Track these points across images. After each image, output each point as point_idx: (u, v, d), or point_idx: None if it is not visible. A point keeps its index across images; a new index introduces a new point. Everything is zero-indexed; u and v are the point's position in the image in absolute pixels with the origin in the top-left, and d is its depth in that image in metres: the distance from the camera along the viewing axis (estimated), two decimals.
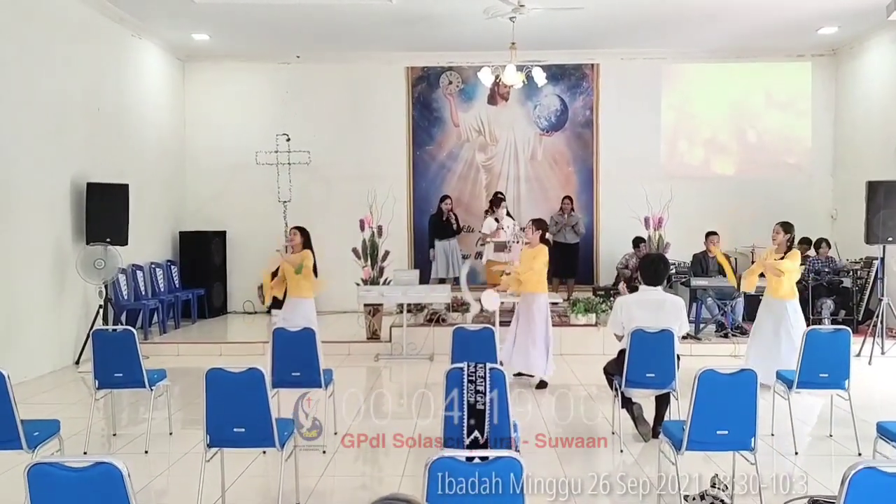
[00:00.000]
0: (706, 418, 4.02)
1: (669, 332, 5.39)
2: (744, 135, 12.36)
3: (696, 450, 4.11)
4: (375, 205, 9.76)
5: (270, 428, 4.05)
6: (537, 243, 7.50)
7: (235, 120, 12.31)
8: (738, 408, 4.01)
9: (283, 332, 5.64)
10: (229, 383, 4.05)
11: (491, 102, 12.33)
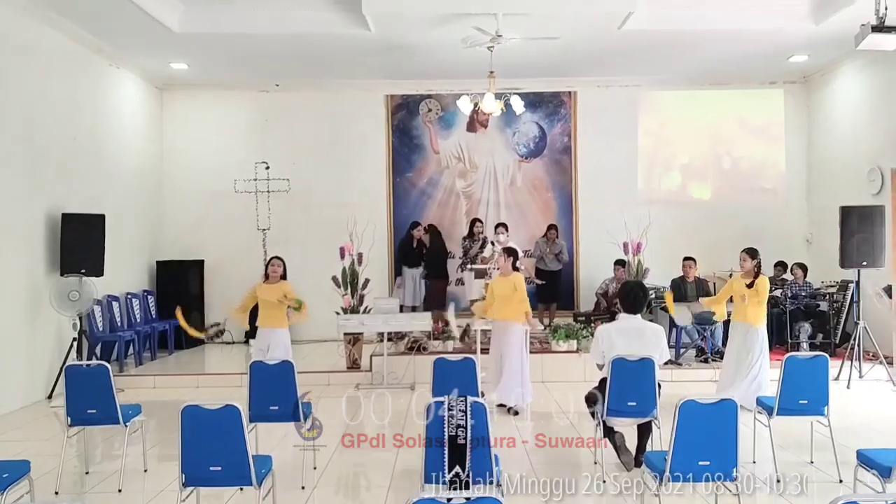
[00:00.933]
0: (688, 449, 3.99)
1: (650, 361, 5.39)
2: (719, 160, 12.50)
3: (678, 482, 4.07)
4: (355, 232, 9.72)
5: (247, 466, 3.98)
6: (510, 271, 7.54)
7: (214, 148, 12.26)
8: (720, 438, 4.00)
9: (261, 366, 5.57)
10: (205, 421, 3.98)
11: (470, 130, 12.39)
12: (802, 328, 9.90)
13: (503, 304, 7.47)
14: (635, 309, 5.67)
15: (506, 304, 7.45)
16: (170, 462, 5.64)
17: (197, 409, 3.98)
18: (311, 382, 8.25)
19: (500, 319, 7.50)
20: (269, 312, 7.08)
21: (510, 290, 7.44)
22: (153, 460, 5.99)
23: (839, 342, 9.99)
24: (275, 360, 5.67)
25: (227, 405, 3.97)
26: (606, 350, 5.54)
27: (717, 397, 4.13)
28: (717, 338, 9.62)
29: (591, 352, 5.82)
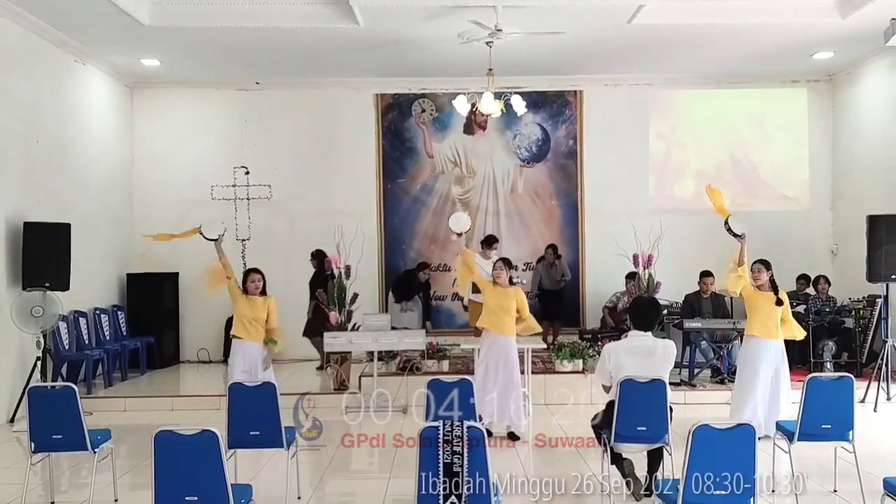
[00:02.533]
0: (702, 478, 4.03)
1: (661, 382, 5.44)
2: (737, 165, 12.58)
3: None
4: (343, 243, 9.76)
5: (226, 496, 3.99)
6: (507, 284, 7.60)
7: (189, 152, 12.31)
8: (736, 466, 4.03)
9: (241, 388, 5.60)
10: (181, 447, 3.99)
11: (467, 132, 12.46)
12: (826, 346, 9.97)
13: (502, 317, 7.49)
14: (647, 326, 5.72)
15: (505, 317, 7.47)
16: (142, 491, 5.66)
17: (171, 434, 4.00)
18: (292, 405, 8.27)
19: (500, 334, 7.52)
20: (254, 326, 7.11)
21: (509, 304, 7.47)
22: (124, 489, 5.99)
23: (865, 362, 10.05)
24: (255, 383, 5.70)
25: (203, 430, 3.99)
26: (614, 370, 5.59)
27: (733, 422, 4.17)
28: (734, 356, 9.66)
29: (597, 372, 5.86)
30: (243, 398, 5.56)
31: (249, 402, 5.55)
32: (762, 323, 7.26)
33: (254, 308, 7.10)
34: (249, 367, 7.01)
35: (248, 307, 7.10)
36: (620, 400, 5.41)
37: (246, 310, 7.08)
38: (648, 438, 5.48)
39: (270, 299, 7.20)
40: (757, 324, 7.29)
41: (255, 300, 7.11)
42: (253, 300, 7.11)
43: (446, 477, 3.83)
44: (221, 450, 4.01)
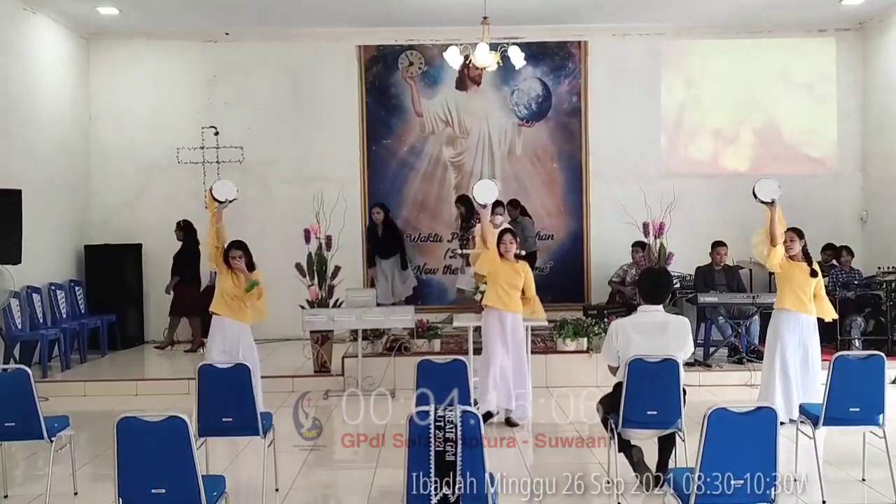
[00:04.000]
0: (718, 466, 4.04)
1: (674, 362, 5.44)
2: (758, 124, 12.54)
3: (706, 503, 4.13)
4: (323, 211, 9.71)
5: (196, 488, 4.00)
6: (513, 258, 7.62)
7: (152, 111, 12.20)
8: (756, 453, 4.04)
9: (211, 370, 5.59)
10: (146, 435, 4.00)
11: (460, 88, 12.38)
12: (854, 322, 9.99)
13: (511, 293, 7.49)
14: (657, 299, 5.72)
15: (513, 293, 7.48)
16: (104, 483, 5.67)
17: (135, 421, 3.99)
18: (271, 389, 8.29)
19: (506, 310, 7.49)
20: (236, 303, 7.03)
21: (517, 280, 7.48)
22: (84, 482, 6.00)
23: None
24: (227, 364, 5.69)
25: (171, 416, 3.98)
26: (622, 349, 5.59)
27: (752, 405, 4.17)
28: (753, 334, 9.72)
29: (603, 352, 5.87)
30: (215, 381, 5.55)
31: (221, 385, 5.54)
32: (795, 295, 7.26)
33: (236, 284, 7.01)
34: (229, 346, 6.93)
35: (231, 283, 7.03)
36: (629, 381, 5.42)
37: (228, 285, 7.03)
38: (660, 423, 5.51)
39: (257, 273, 7.10)
40: (790, 295, 7.28)
41: (239, 276, 7.05)
42: (236, 275, 7.05)
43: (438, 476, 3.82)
44: (191, 438, 4.01)
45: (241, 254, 7.07)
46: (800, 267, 7.31)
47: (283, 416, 7.01)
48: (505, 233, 7.65)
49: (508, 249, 7.50)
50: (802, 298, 7.25)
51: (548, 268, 12.32)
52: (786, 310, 7.31)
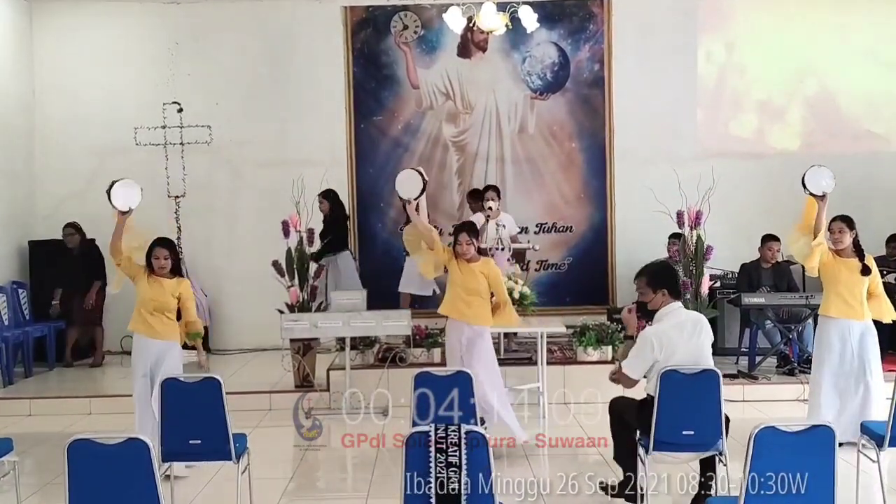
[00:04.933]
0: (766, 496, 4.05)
1: (713, 374, 5.49)
2: (811, 95, 12.52)
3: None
4: (304, 200, 9.71)
5: None
6: (476, 257, 7.35)
7: (105, 84, 12.19)
8: (810, 479, 4.05)
9: (176, 385, 5.60)
10: (101, 460, 4.01)
11: (462, 55, 12.37)
12: None
13: (469, 300, 7.21)
14: (679, 291, 5.82)
15: (473, 301, 7.22)
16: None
17: (89, 444, 4.00)
18: (245, 406, 8.31)
19: (469, 322, 7.23)
20: (157, 318, 6.83)
21: (477, 283, 7.21)
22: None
23: None
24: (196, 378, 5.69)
25: (130, 438, 3.99)
26: (664, 358, 5.54)
27: (806, 423, 4.18)
28: (806, 340, 9.71)
29: (632, 363, 5.70)
30: (180, 398, 5.57)
31: (188, 402, 5.56)
32: (841, 299, 7.22)
33: (159, 292, 6.82)
34: (152, 370, 6.76)
35: (152, 291, 6.83)
36: (661, 397, 5.42)
37: (148, 293, 6.82)
38: (697, 445, 5.53)
39: (184, 282, 6.98)
40: (834, 300, 7.25)
41: (162, 282, 6.84)
42: (158, 282, 6.84)
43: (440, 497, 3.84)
44: (153, 463, 4.01)
45: (168, 254, 6.87)
46: (847, 264, 7.23)
47: (259, 438, 7.02)
48: (461, 231, 7.34)
49: (466, 250, 7.21)
50: (850, 301, 7.19)
51: (566, 265, 12.33)
52: (831, 317, 7.27)
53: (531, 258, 11.25)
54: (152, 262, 6.83)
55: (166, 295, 6.81)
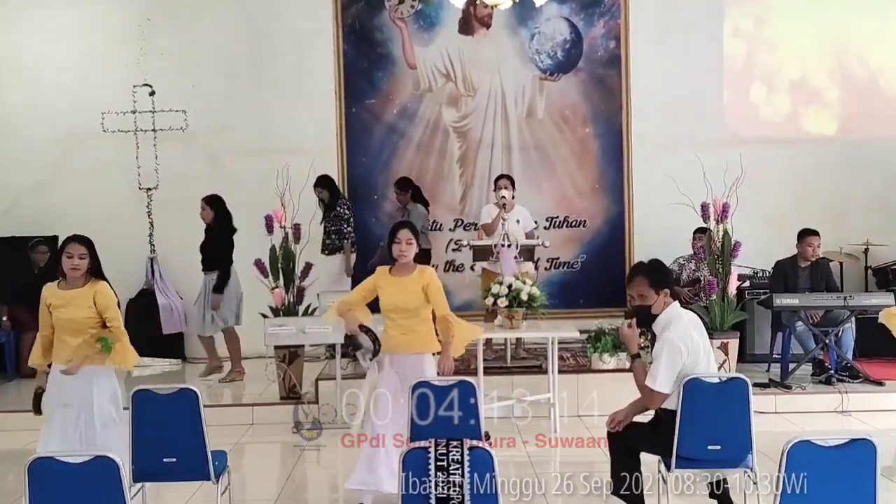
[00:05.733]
0: None
1: (742, 382, 5.49)
2: (850, 74, 12.52)
3: None
4: (290, 192, 9.70)
5: None
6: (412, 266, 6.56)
7: (69, 65, 12.17)
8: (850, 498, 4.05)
9: (149, 396, 5.58)
10: (66, 480, 4.01)
11: (464, 31, 12.37)
12: None
13: (403, 323, 6.44)
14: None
15: (406, 324, 6.45)
16: None
17: (52, 462, 4.00)
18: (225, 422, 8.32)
19: (401, 352, 6.47)
20: (74, 341, 6.01)
21: (410, 299, 6.44)
22: None
23: None
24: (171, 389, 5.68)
25: (97, 457, 4.00)
26: (691, 363, 5.50)
27: (844, 437, 4.17)
28: (845, 345, 9.70)
29: (663, 378, 5.49)
30: (153, 411, 5.55)
31: (162, 416, 5.54)
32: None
33: (75, 303, 6.00)
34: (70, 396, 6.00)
35: (65, 303, 5.99)
36: (684, 408, 5.42)
37: (62, 308, 5.98)
38: (724, 462, 5.53)
39: (100, 285, 6.10)
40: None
41: (74, 292, 6.01)
42: (70, 292, 6.02)
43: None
44: (123, 483, 4.02)
45: (85, 252, 6.05)
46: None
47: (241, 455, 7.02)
48: (402, 227, 6.57)
49: (404, 252, 6.44)
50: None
51: (579, 263, 12.34)
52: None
53: (541, 256, 11.24)
54: (63, 261, 5.97)
55: (80, 307, 5.97)
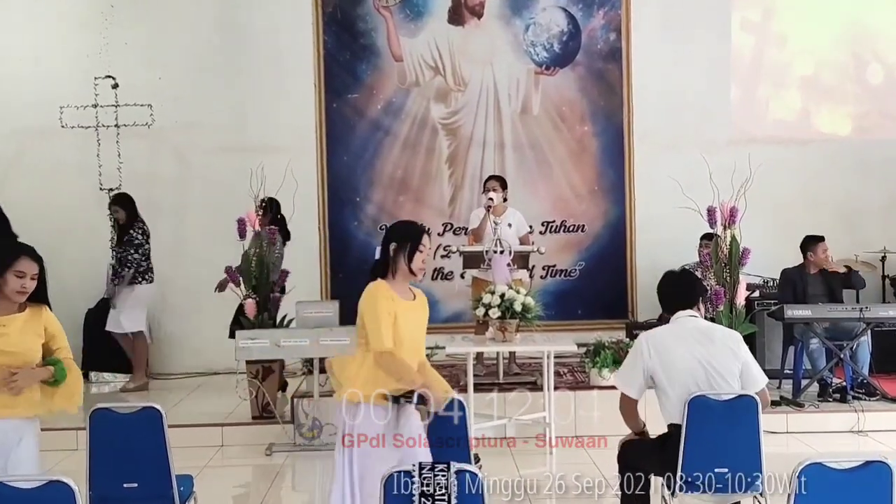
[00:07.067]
0: None
1: (750, 400, 5.50)
2: (866, 71, 12.57)
3: None
4: (264, 193, 9.69)
5: None
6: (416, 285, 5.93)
7: (26, 55, 12.15)
8: None
9: (109, 415, 5.56)
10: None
11: (454, 21, 12.38)
12: None
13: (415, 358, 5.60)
14: (692, 299, 5.86)
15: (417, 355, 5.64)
16: None
17: (3, 488, 3.99)
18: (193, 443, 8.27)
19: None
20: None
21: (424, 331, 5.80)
22: None
23: None
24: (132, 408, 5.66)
25: (52, 481, 3.98)
26: (663, 365, 5.62)
27: (859, 458, 4.17)
28: (861, 360, 9.71)
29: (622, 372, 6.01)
30: (113, 432, 5.53)
31: (122, 437, 5.51)
32: None
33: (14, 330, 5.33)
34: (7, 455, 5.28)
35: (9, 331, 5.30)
36: (689, 428, 5.43)
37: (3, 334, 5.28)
38: (731, 485, 5.50)
39: (45, 309, 5.53)
40: None
41: (16, 318, 5.36)
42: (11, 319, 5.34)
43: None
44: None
45: (37, 272, 5.42)
46: None
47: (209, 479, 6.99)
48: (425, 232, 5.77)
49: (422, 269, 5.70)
50: None
51: (577, 271, 12.33)
52: None
53: (536, 262, 11.25)
54: (9, 280, 5.29)
55: (27, 339, 5.34)
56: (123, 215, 10.92)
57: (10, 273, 5.27)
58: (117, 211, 10.94)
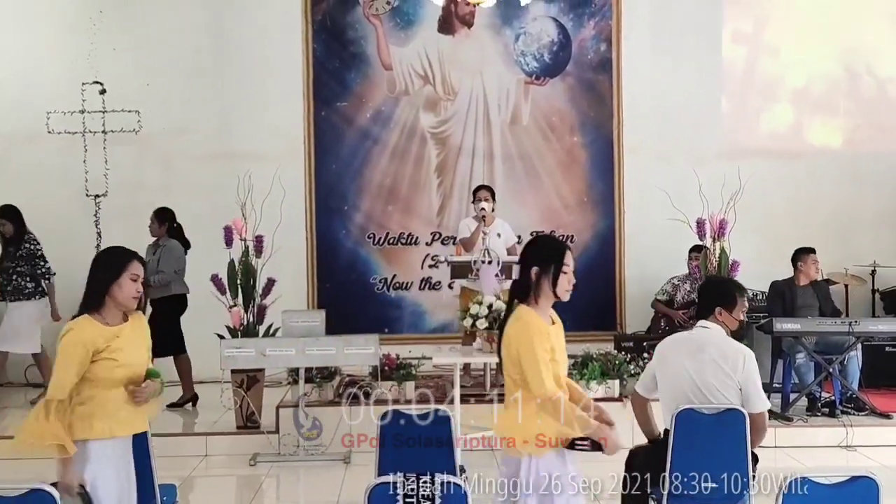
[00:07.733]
0: None
1: (738, 413, 5.51)
2: (858, 83, 12.61)
3: None
4: (252, 201, 9.69)
5: None
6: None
7: (10, 59, 12.14)
8: None
9: None
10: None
11: (444, 31, 12.40)
12: None
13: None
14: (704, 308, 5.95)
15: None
16: None
17: None
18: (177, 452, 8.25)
19: None
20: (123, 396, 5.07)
21: None
22: None
23: None
24: None
25: (33, 489, 3.99)
26: (661, 373, 5.80)
27: (846, 473, 4.19)
28: (850, 375, 9.72)
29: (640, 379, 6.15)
30: None
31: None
32: None
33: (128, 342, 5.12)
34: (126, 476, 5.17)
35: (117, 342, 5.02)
36: (676, 441, 5.45)
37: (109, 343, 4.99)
38: (718, 498, 5.51)
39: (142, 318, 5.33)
40: None
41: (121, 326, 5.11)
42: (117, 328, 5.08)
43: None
44: None
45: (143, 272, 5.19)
46: None
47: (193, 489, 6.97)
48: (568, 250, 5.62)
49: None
50: None
51: None
52: None
53: None
54: (125, 284, 5.06)
55: (140, 350, 5.22)
56: (11, 228, 10.71)
57: (126, 276, 5.04)
58: (4, 224, 10.72)
